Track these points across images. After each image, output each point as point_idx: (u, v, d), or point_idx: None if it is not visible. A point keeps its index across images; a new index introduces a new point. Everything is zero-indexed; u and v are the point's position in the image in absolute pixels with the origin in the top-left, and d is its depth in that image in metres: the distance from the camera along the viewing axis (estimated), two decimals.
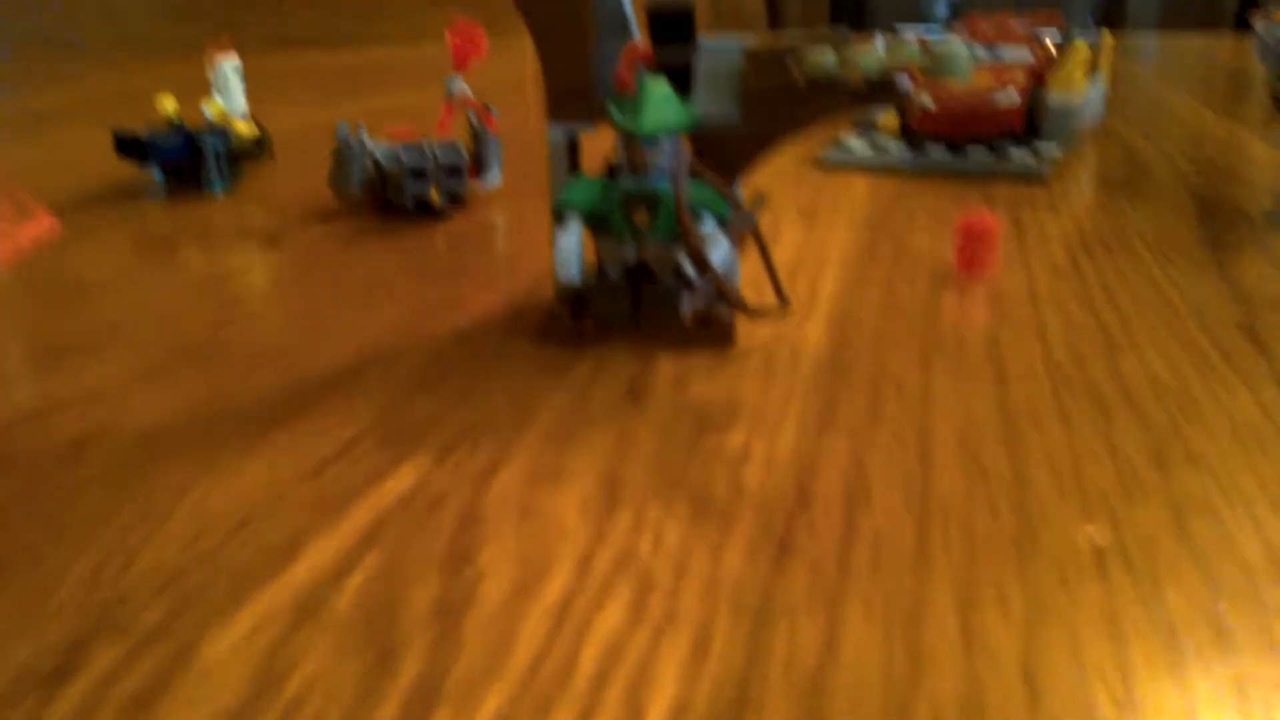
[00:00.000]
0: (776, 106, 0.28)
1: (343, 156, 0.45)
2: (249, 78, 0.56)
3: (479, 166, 0.48)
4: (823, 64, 0.27)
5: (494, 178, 0.49)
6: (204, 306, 0.35)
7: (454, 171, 0.45)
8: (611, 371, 0.28)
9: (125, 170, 0.54)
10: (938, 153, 0.54)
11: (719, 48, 0.29)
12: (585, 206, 0.29)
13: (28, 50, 1.55)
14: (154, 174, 0.51)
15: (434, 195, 0.45)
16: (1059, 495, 0.21)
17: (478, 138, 0.48)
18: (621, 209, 0.28)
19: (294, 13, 1.56)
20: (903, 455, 0.23)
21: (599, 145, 0.32)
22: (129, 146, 0.51)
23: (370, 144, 0.46)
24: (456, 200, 0.46)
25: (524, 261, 0.39)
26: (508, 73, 1.01)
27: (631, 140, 0.28)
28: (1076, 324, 0.31)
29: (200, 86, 0.56)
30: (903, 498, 0.21)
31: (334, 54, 1.37)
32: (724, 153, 0.29)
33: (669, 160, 0.28)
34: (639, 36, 0.31)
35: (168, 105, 0.51)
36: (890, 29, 0.66)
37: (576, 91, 0.31)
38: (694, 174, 0.28)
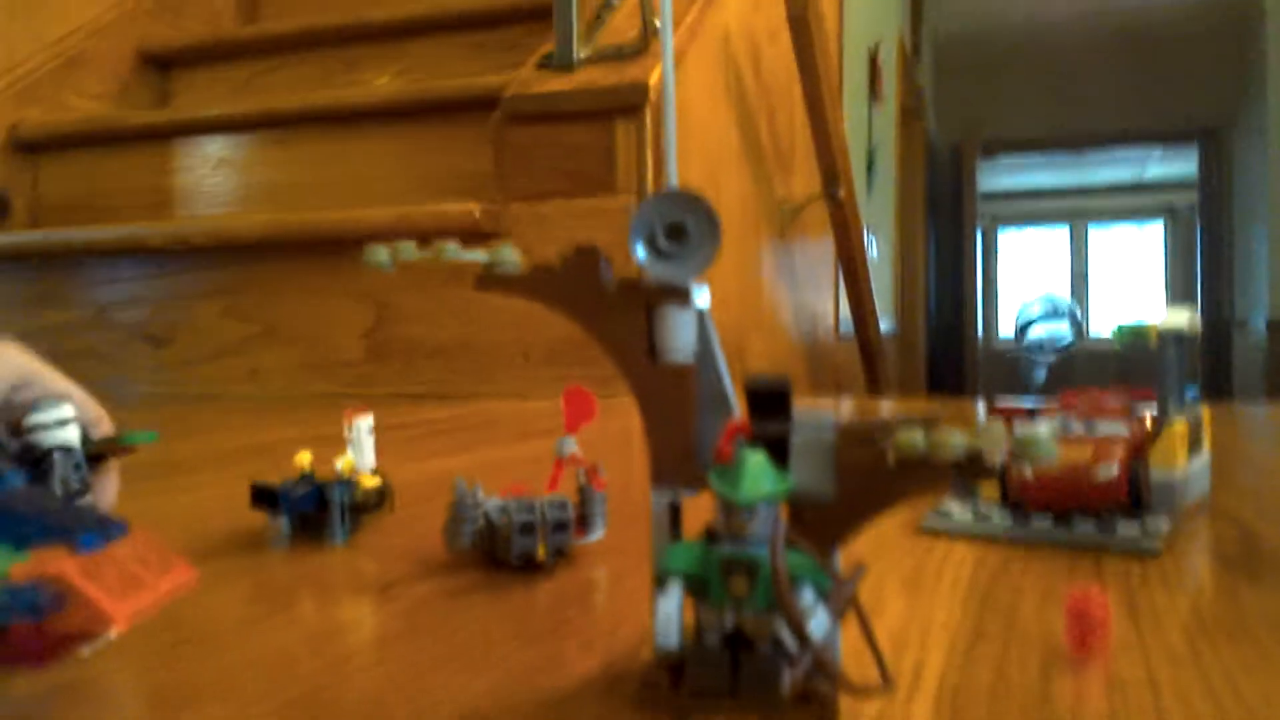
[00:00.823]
0: (868, 482, 0.29)
1: (457, 511, 0.48)
2: (378, 430, 0.61)
3: (584, 521, 0.50)
4: (913, 444, 0.28)
5: (598, 532, 0.51)
6: (312, 660, 0.36)
7: (561, 527, 0.47)
8: None
9: (253, 518, 0.57)
10: (1042, 522, 0.54)
11: (813, 422, 0.31)
12: (686, 571, 0.30)
13: (161, 404, 1.71)
14: (282, 524, 0.54)
15: (540, 551, 0.47)
16: None
17: (584, 494, 0.50)
18: (720, 575, 0.29)
19: (419, 370, 1.70)
20: None
21: (701, 511, 0.33)
22: (263, 497, 0.54)
23: (483, 499, 0.48)
24: (561, 554, 0.48)
25: (624, 621, 0.40)
26: (613, 430, 1.07)
27: (730, 508, 0.29)
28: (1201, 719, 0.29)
29: (327, 439, 0.61)
30: None
31: (452, 407, 1.47)
32: (820, 523, 0.30)
33: (766, 528, 0.29)
34: (737, 411, 0.33)
35: (304, 460, 0.56)
36: (990, 400, 0.68)
37: (679, 459, 0.33)
38: (791, 543, 0.29)
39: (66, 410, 0.42)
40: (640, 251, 0.32)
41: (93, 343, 1.90)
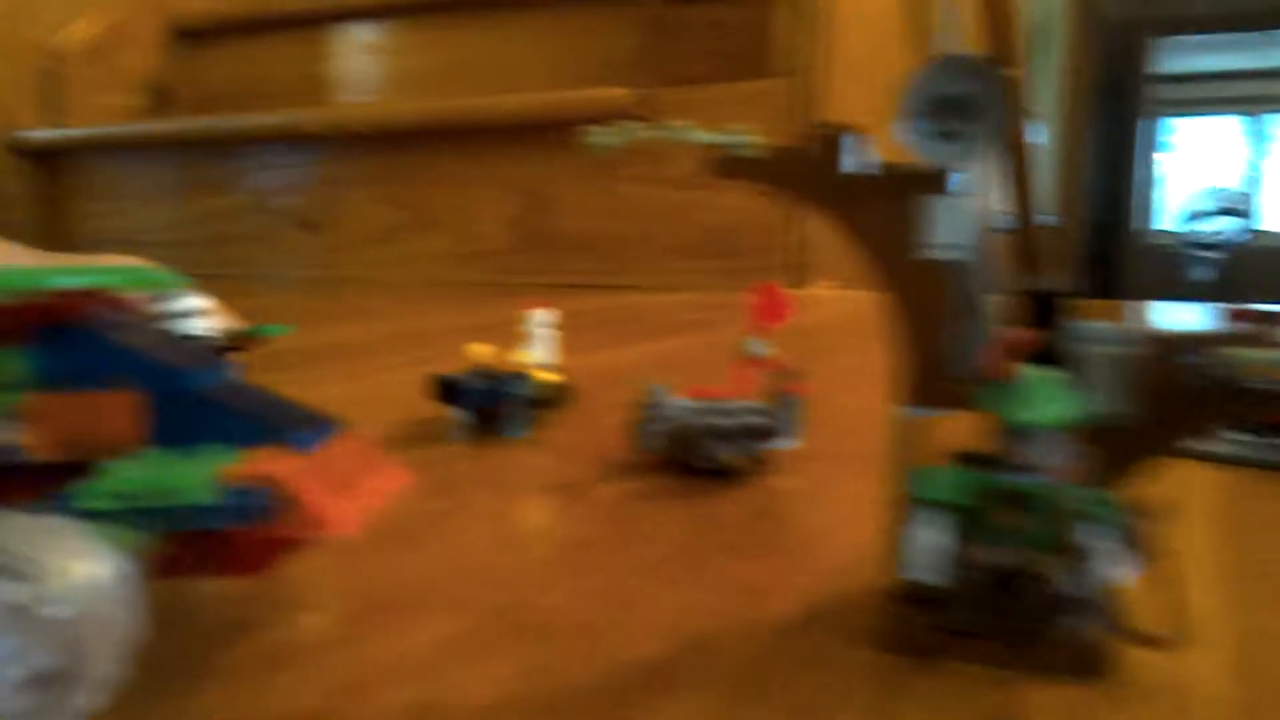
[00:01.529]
0: (1180, 404, 0.25)
1: (647, 411, 0.45)
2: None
3: (778, 429, 0.47)
4: (1254, 361, 0.24)
5: (791, 440, 0.47)
6: (510, 563, 0.34)
7: (757, 433, 0.44)
8: (973, 697, 0.24)
9: (426, 408, 0.56)
10: None
11: (1112, 335, 0.26)
12: (949, 500, 0.26)
13: (328, 288, 1.74)
14: (461, 417, 0.53)
15: (734, 458, 0.44)
16: None
17: (780, 398, 0.47)
18: (991, 508, 0.26)
19: (565, 260, 1.69)
20: None
21: (947, 432, 0.29)
22: (443, 389, 0.53)
23: (673, 401, 0.46)
24: (757, 462, 0.45)
25: (831, 537, 0.37)
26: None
27: (1011, 433, 0.25)
28: None
29: (483, 329, 0.59)
30: None
31: (600, 298, 1.45)
32: (1117, 450, 0.26)
33: (1050, 458, 0.25)
34: (988, 319, 0.29)
35: (481, 352, 0.54)
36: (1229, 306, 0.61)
37: (932, 373, 0.29)
38: (1078, 477, 0.25)
39: (194, 300, 0.41)
40: (910, 130, 0.28)
41: (251, 228, 1.96)
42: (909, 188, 0.27)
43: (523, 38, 1.86)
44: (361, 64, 2.06)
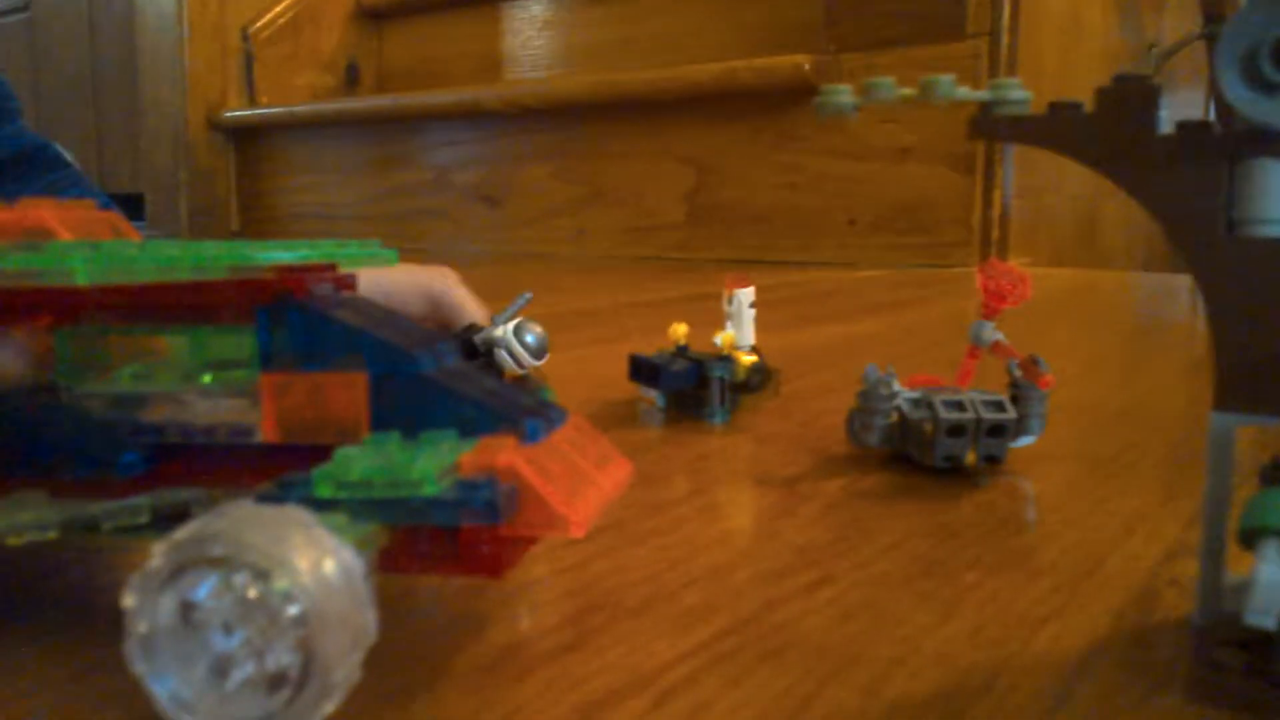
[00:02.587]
0: None
1: (868, 401, 0.42)
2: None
3: (1019, 423, 0.42)
4: None
5: (1030, 436, 0.43)
6: (742, 570, 0.31)
7: (997, 430, 0.40)
8: None
9: (614, 389, 0.54)
10: None
11: None
12: None
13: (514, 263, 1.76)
14: (658, 399, 0.51)
15: (971, 457, 0.40)
16: None
17: (1019, 391, 0.42)
18: None
19: (740, 235, 1.65)
20: None
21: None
22: (640, 370, 0.51)
23: (898, 390, 0.42)
24: (995, 461, 0.40)
25: (1099, 558, 0.32)
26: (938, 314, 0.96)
27: None
28: None
29: (660, 305, 0.57)
30: None
31: (777, 274, 1.41)
32: None
33: None
34: None
35: (679, 332, 0.51)
36: None
37: (1266, 371, 0.24)
38: None
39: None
40: (1235, 82, 0.23)
41: (434, 203, 2.01)
42: (1232, 150, 0.23)
43: (698, 7, 1.82)
44: (538, 39, 2.07)
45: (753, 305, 0.52)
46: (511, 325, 0.39)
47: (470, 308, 0.45)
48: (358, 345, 0.25)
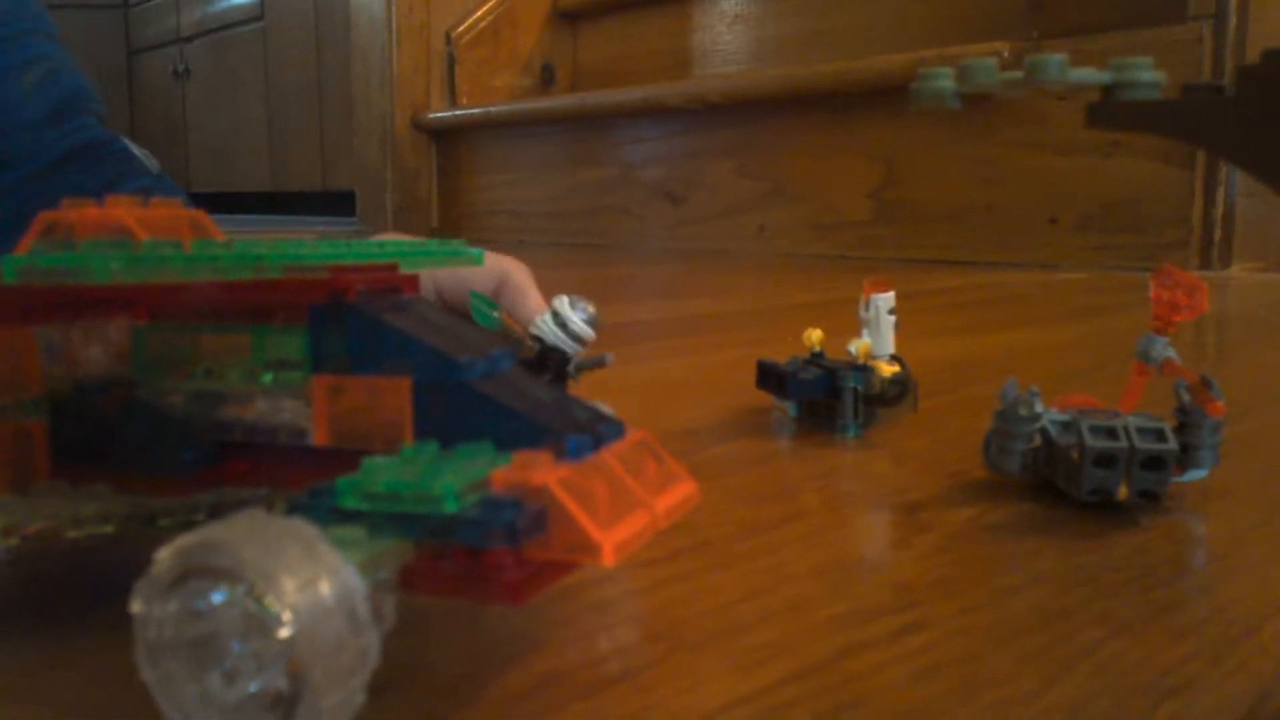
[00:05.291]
0: None
1: (1006, 423, 0.37)
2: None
3: (1185, 453, 0.37)
4: None
5: (1201, 469, 0.37)
6: (830, 607, 0.28)
7: (1155, 463, 0.35)
8: None
9: (757, 396, 0.51)
10: None
11: None
12: None
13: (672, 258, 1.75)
14: (790, 409, 0.48)
15: (1123, 492, 0.35)
16: None
17: (1186, 416, 0.37)
18: None
19: (929, 233, 1.57)
20: None
21: None
22: (768, 377, 0.48)
23: (1041, 410, 0.37)
24: (1153, 498, 0.35)
25: (1266, 618, 0.27)
26: (1115, 329, 0.87)
27: None
28: None
29: (834, 305, 0.53)
30: None
31: (967, 275, 1.33)
32: None
33: None
34: None
35: (814, 338, 0.48)
36: None
37: None
38: None
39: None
40: None
41: (620, 200, 2.03)
42: None
43: None
44: (728, 35, 2.05)
45: (892, 311, 0.48)
46: (565, 298, 0.38)
47: (533, 294, 0.49)
48: (404, 349, 0.24)
